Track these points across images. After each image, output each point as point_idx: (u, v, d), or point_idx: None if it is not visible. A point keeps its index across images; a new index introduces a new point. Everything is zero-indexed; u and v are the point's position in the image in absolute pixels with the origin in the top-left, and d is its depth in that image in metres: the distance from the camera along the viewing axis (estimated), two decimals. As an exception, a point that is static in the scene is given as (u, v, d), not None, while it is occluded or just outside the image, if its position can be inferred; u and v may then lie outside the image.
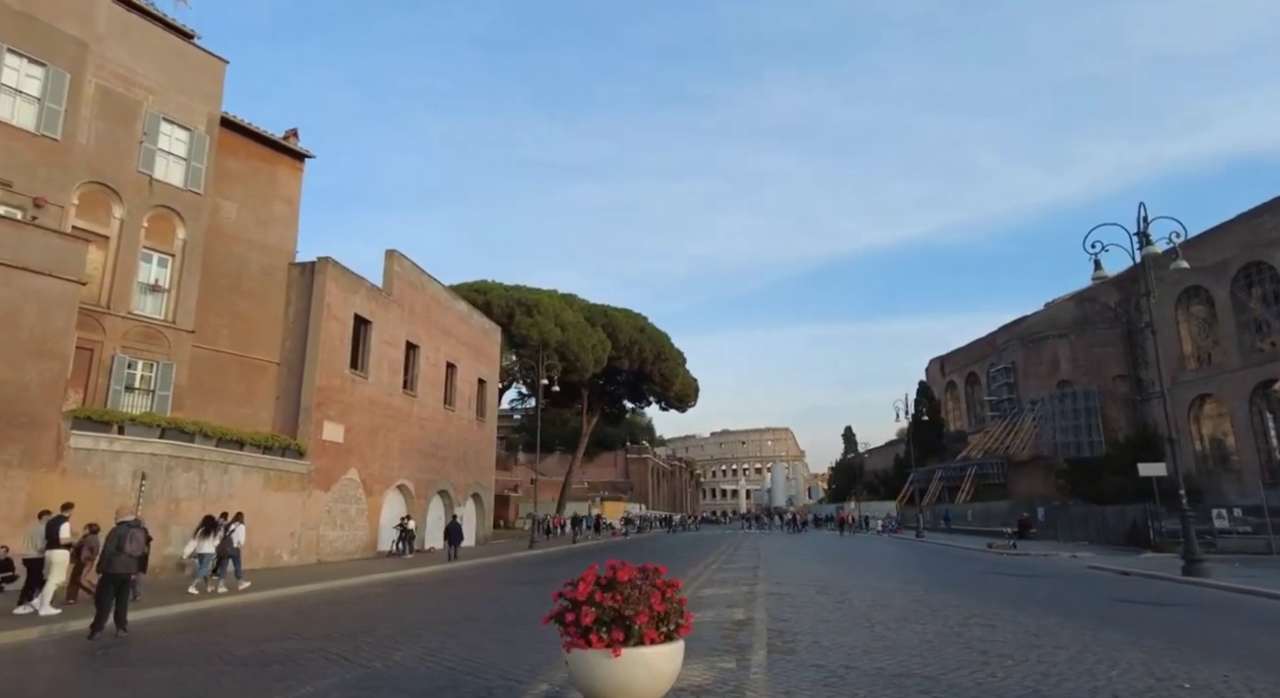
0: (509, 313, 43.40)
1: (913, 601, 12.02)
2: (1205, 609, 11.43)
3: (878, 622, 9.53)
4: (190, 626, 10.40)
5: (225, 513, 15.53)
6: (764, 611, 10.62)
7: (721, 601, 11.94)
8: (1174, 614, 10.77)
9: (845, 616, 10.20)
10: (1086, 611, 11.00)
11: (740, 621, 9.65)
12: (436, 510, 30.60)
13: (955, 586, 14.60)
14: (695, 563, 21.68)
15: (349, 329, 24.12)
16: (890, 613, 10.49)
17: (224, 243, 21.90)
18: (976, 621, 9.70)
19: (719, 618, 9.90)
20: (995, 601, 12.07)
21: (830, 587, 14.29)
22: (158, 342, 18.53)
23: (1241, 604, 11.96)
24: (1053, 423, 63.67)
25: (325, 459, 22.62)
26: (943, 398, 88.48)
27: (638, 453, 79.87)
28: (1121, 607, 11.47)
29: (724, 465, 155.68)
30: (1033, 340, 69.78)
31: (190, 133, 19.78)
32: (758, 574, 17.00)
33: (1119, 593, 13.43)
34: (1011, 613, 10.50)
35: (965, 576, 17.20)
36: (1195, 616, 10.79)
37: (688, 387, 54.71)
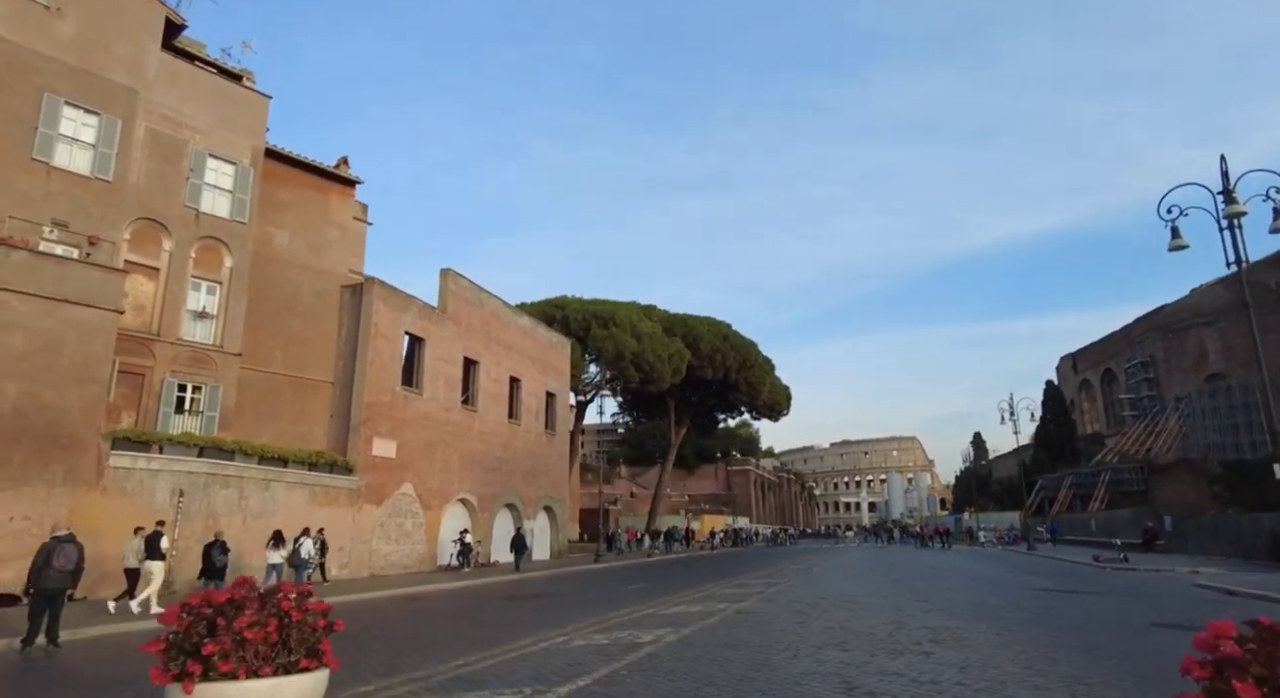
0: (585, 326, 43.50)
1: (887, 622, 10.56)
2: None
3: (803, 652, 8.23)
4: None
5: (309, 528, 18.24)
6: (690, 633, 9.60)
7: (665, 621, 10.86)
8: None
9: (777, 641, 8.94)
10: (1108, 635, 9.12)
11: (635, 645, 8.66)
12: (504, 524, 30.76)
13: (972, 607, 12.61)
14: (725, 578, 20.74)
15: (400, 347, 24.70)
16: (836, 637, 9.25)
17: (277, 269, 23.03)
18: (919, 647, 8.25)
19: (618, 641, 8.97)
20: (1000, 623, 10.29)
21: (823, 606, 12.94)
22: (205, 365, 19.60)
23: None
24: (1202, 422, 56.69)
25: (376, 475, 23.15)
26: (1076, 398, 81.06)
27: (739, 465, 78.01)
28: (1152, 634, 9.43)
29: (845, 477, 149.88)
30: (1174, 331, 62.64)
31: (235, 166, 20.95)
32: (767, 593, 15.73)
33: (1186, 616, 11.16)
34: (998, 636, 8.89)
35: (1008, 595, 14.94)
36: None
37: (777, 394, 52.75)
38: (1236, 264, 14.33)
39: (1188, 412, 57.77)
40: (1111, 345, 72.35)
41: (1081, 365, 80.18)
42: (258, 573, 17.90)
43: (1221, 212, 14.49)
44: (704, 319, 51.12)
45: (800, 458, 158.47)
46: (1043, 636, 9.10)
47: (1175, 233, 14.94)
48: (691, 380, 50.75)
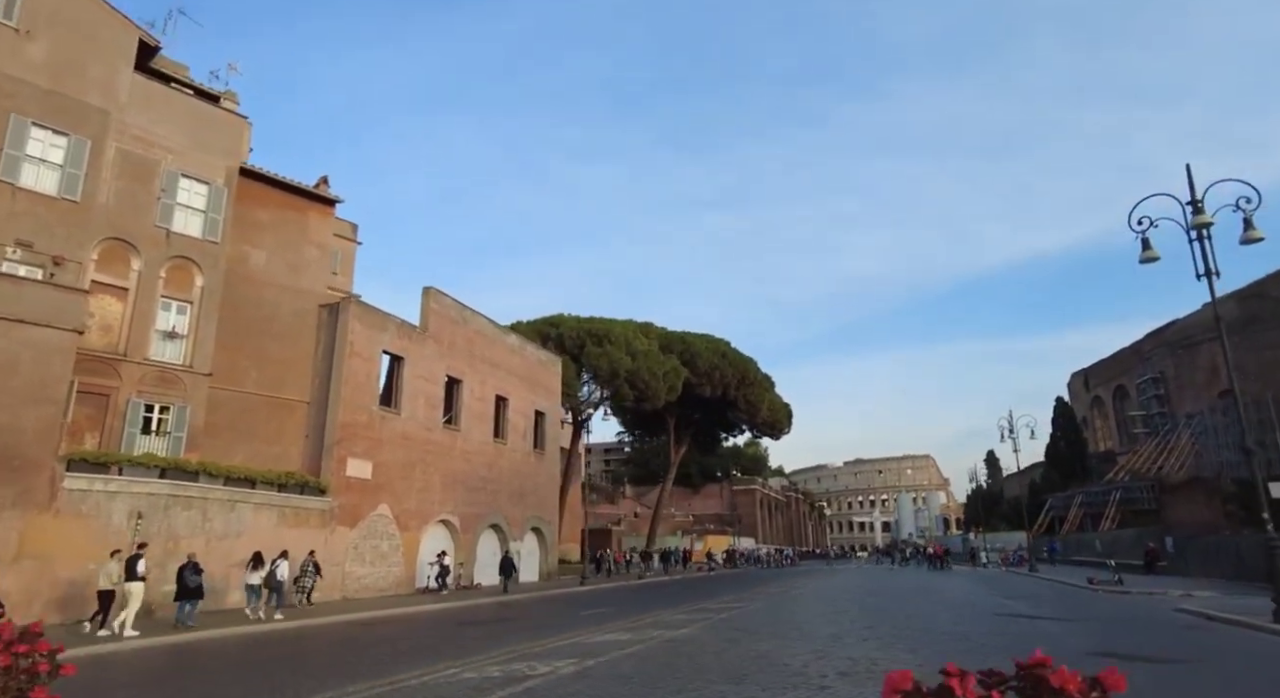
0: (580, 344, 43.26)
1: (811, 651, 10.10)
2: (1220, 666, 8.61)
3: (691, 687, 7.80)
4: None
5: (286, 551, 18.30)
6: (592, 665, 9.21)
7: (580, 651, 10.44)
8: (1159, 672, 8.14)
9: (674, 676, 8.49)
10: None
11: (520, 678, 8.27)
12: (489, 545, 30.35)
13: (915, 635, 12.00)
14: (693, 601, 20.36)
15: (377, 366, 24.53)
16: (743, 669, 8.82)
17: (254, 288, 22.98)
18: (823, 680, 7.90)
19: (509, 674, 8.58)
20: (932, 652, 9.78)
21: (760, 633, 12.47)
22: (174, 385, 19.47)
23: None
24: (1215, 439, 55.45)
25: (351, 496, 22.87)
26: (1089, 415, 79.74)
27: (744, 484, 77.11)
28: (1082, 663, 8.87)
29: (858, 497, 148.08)
30: (1184, 346, 61.52)
31: (209, 186, 20.97)
32: (718, 618, 15.22)
33: (1138, 644, 10.58)
34: (919, 669, 8.31)
35: (966, 621, 14.26)
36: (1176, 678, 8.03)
37: (777, 412, 52.14)
38: (1206, 276, 13.81)
39: (1200, 429, 56.51)
40: (1123, 362, 71.19)
41: (1093, 382, 78.95)
42: (236, 594, 17.75)
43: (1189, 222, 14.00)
44: (702, 336, 50.76)
45: (813, 477, 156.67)
46: (968, 666, 8.58)
47: (1146, 244, 14.49)
48: (690, 398, 50.28)
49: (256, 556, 17.26)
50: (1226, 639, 11.56)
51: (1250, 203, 13.37)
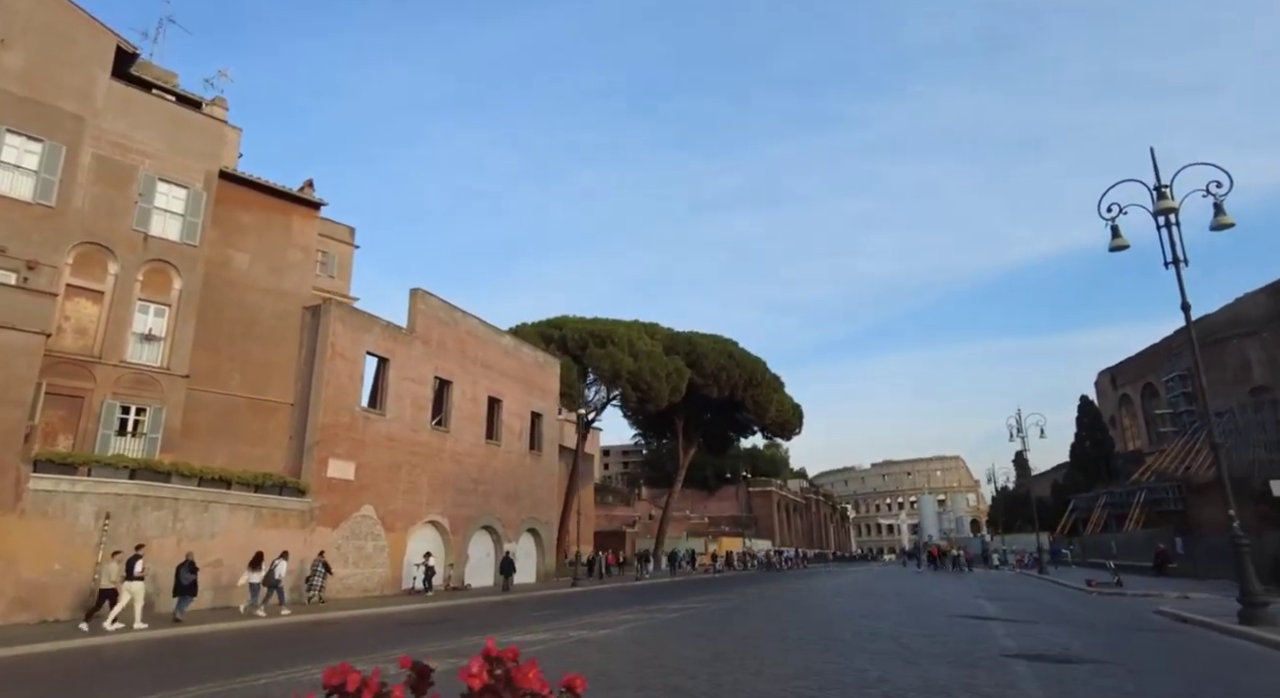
0: (582, 345, 43.10)
1: (700, 658, 9.67)
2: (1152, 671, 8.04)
3: None
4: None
5: (287, 552, 19.38)
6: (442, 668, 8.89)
7: (461, 653, 10.17)
8: (1070, 672, 7.63)
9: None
10: (923, 669, 8.20)
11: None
12: (483, 547, 30.28)
13: (838, 641, 11.45)
14: (658, 602, 20.19)
15: (360, 368, 24.57)
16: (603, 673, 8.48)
17: (236, 291, 23.17)
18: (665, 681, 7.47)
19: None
20: (833, 658, 9.33)
21: (681, 635, 12.13)
22: (150, 387, 19.66)
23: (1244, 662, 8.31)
24: (1246, 437, 53.63)
25: (333, 496, 22.91)
26: (1116, 414, 77.70)
27: (761, 485, 76.27)
28: (980, 667, 8.43)
29: (887, 499, 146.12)
30: (1213, 342, 59.56)
31: (188, 190, 21.18)
32: (659, 618, 14.93)
33: (1088, 647, 9.99)
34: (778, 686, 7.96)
35: (912, 624, 13.69)
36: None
37: (785, 412, 51.41)
38: (1174, 264, 13.12)
39: (1230, 427, 54.69)
40: (1151, 359, 69.19)
41: (1121, 380, 76.91)
42: (208, 593, 17.79)
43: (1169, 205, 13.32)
44: (709, 337, 50.28)
45: (841, 479, 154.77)
46: (847, 670, 8.27)
47: (1115, 232, 13.83)
48: (698, 399, 49.82)
49: (258, 556, 18.20)
50: (1182, 640, 11.05)
51: (1221, 188, 12.69)
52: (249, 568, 17.93)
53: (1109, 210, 13.86)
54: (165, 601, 16.75)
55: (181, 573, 16.03)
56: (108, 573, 15.03)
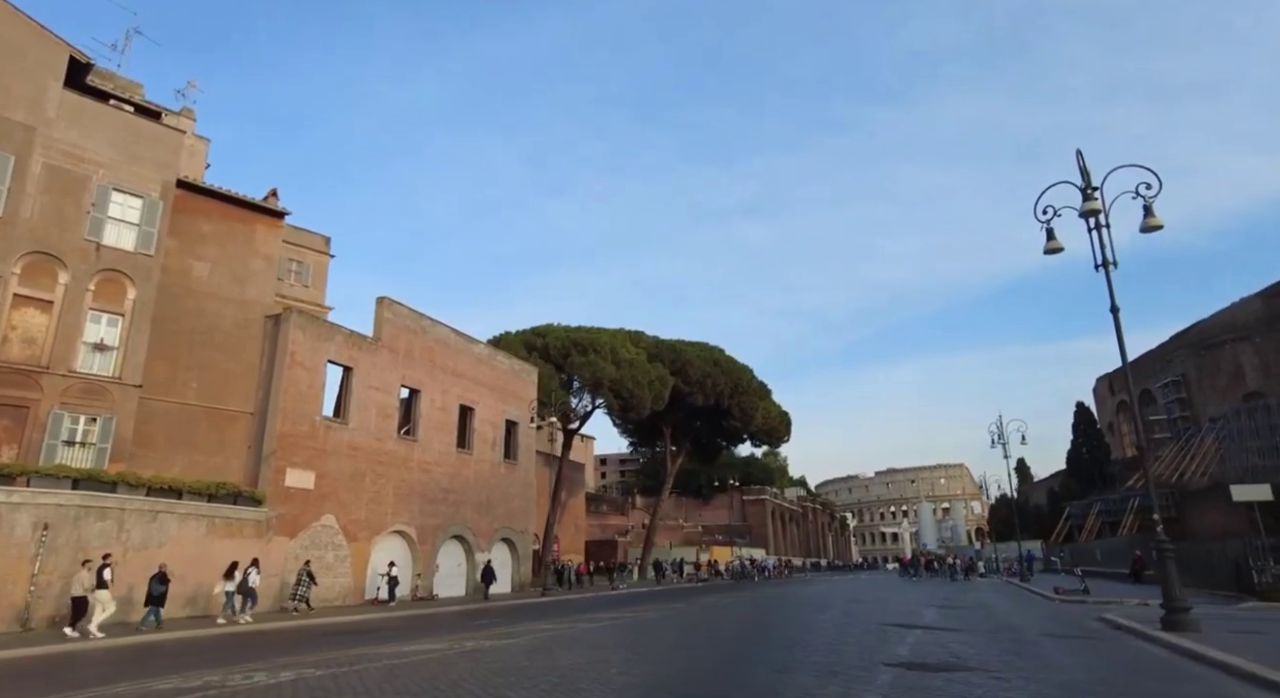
0: (565, 353, 42.95)
1: (572, 665, 9.52)
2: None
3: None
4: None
5: (258, 560, 19.96)
6: (291, 677, 8.87)
7: (342, 662, 10.08)
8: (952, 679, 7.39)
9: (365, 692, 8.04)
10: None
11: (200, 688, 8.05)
12: (454, 557, 30.08)
13: (721, 650, 11.32)
14: (602, 611, 20.10)
15: (321, 376, 24.48)
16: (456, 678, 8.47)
17: (196, 300, 23.15)
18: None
19: (206, 685, 8.23)
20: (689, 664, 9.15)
21: (572, 645, 11.98)
22: (101, 397, 19.59)
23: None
24: (1240, 443, 53.03)
25: (291, 506, 22.77)
26: (1114, 420, 77.10)
27: (755, 494, 75.82)
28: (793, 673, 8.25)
29: (890, 507, 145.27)
30: (1206, 347, 59.13)
31: (143, 200, 21.17)
32: (581, 628, 14.66)
33: (993, 655, 9.72)
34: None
35: (842, 630, 13.48)
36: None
37: (772, 419, 51.09)
38: (1103, 266, 12.87)
39: (1224, 433, 54.16)
40: (1148, 365, 68.71)
41: (1118, 386, 76.40)
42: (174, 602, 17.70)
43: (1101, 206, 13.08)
44: (695, 344, 50.09)
45: (844, 487, 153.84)
46: (700, 679, 8.14)
47: (1050, 235, 13.59)
48: (684, 407, 49.60)
49: (233, 565, 18.72)
50: (1095, 647, 11.00)
51: (1150, 189, 12.45)
52: (224, 577, 18.50)
53: (1044, 213, 13.62)
54: (125, 610, 16.81)
55: (153, 584, 16.55)
56: (79, 581, 15.48)
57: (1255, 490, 21.44)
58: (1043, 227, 13.55)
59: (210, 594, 19.97)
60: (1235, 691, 6.96)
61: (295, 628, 17.67)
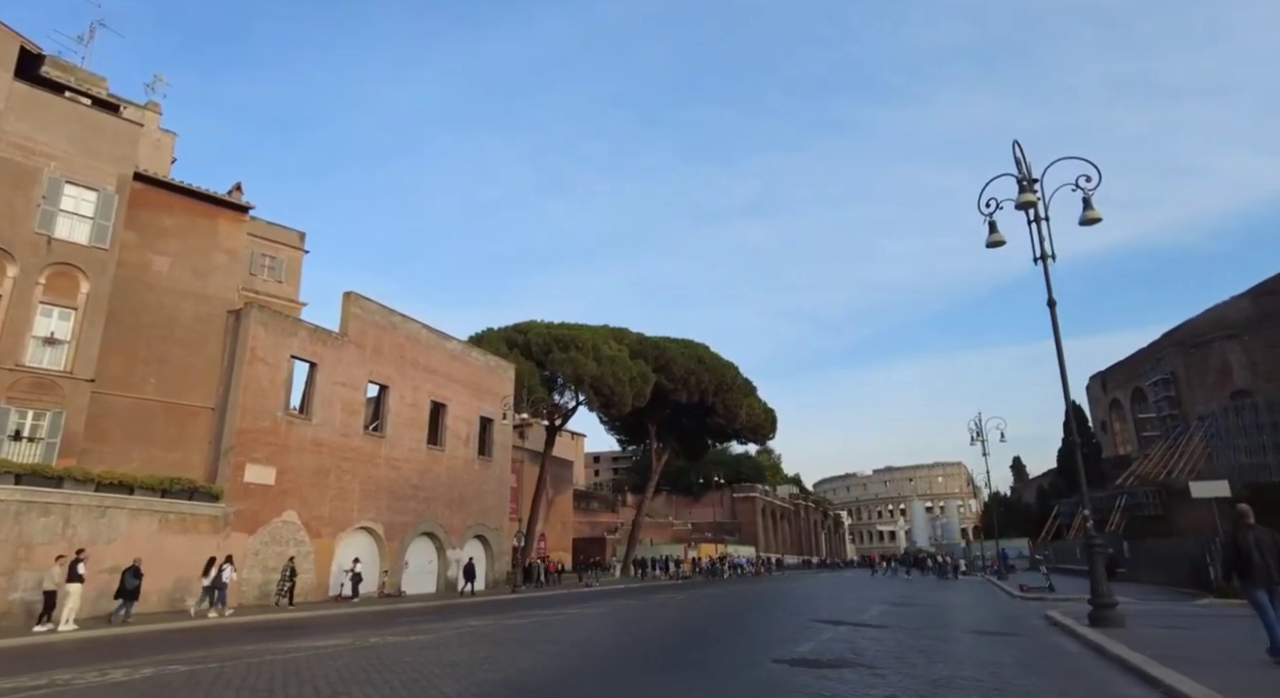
0: (546, 349, 42.77)
1: (464, 660, 9.32)
2: None
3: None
4: None
5: (231, 557, 20.36)
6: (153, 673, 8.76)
7: (236, 655, 9.94)
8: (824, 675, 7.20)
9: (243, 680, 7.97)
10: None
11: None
12: (424, 554, 29.93)
13: (609, 640, 11.17)
14: (526, 610, 19.84)
15: (283, 372, 24.31)
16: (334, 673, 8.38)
17: (155, 295, 22.98)
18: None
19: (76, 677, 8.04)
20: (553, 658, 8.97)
21: (494, 640, 11.77)
22: (50, 391, 19.43)
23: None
24: (1228, 441, 52.82)
25: (250, 502, 22.62)
26: (1108, 419, 76.87)
27: (745, 491, 75.61)
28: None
29: (888, 505, 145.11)
30: (1194, 345, 58.83)
31: (98, 193, 21.00)
32: (507, 624, 14.52)
33: (906, 650, 9.54)
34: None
35: (765, 625, 13.32)
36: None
37: (756, 417, 50.83)
38: (1041, 260, 12.65)
39: (1212, 431, 53.92)
40: (1139, 363, 68.47)
41: (1111, 385, 76.18)
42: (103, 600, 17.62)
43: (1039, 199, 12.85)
44: (679, 341, 49.85)
45: (842, 485, 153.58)
46: (569, 674, 8.10)
47: (993, 228, 13.37)
48: (669, 404, 49.38)
49: (211, 560, 19.59)
50: (1012, 642, 10.84)
51: (1090, 182, 12.22)
52: (203, 573, 19.37)
53: (987, 206, 13.40)
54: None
55: (126, 578, 17.11)
56: (50, 576, 15.96)
57: (1214, 487, 21.22)
58: (985, 220, 13.31)
59: (164, 590, 19.94)
60: (1117, 688, 6.76)
61: (232, 625, 17.44)
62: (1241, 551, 8.39)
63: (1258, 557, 8.19)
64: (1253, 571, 8.18)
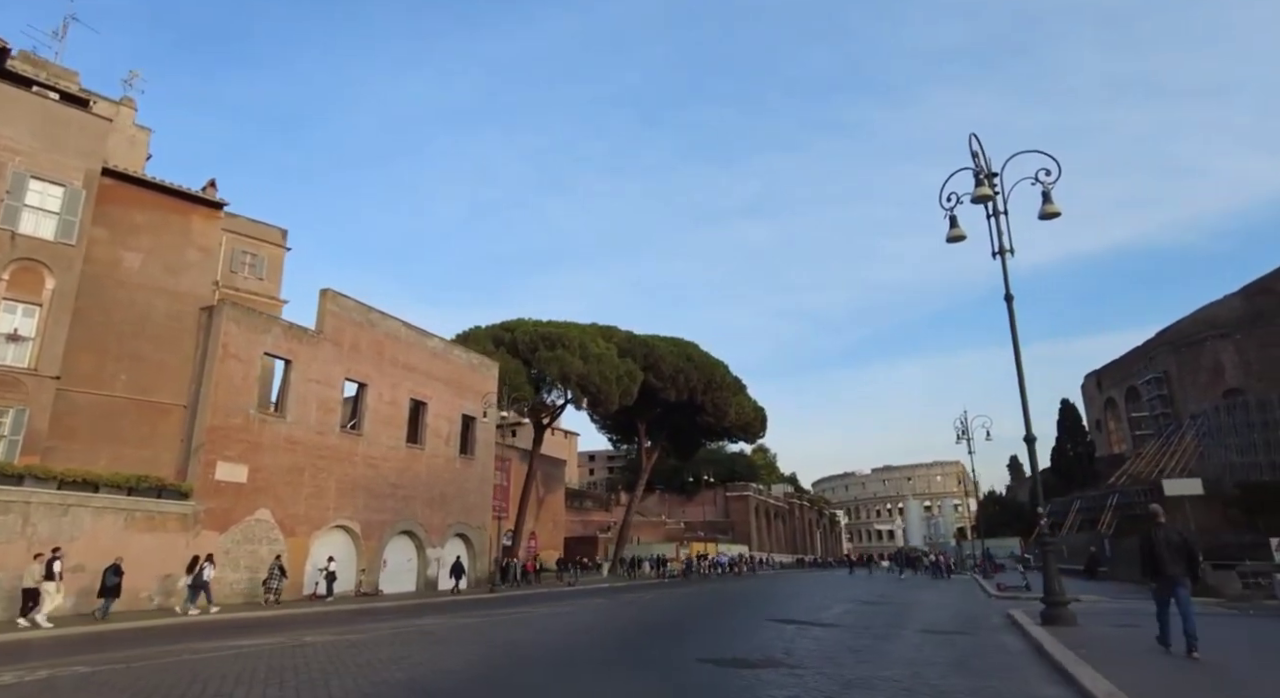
0: (533, 348, 42.59)
1: (376, 661, 9.12)
2: None
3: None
4: None
5: (213, 555, 20.64)
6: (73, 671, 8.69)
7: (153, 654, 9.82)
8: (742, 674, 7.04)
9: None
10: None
11: None
12: (403, 552, 29.76)
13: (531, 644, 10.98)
14: (488, 610, 19.65)
15: (255, 369, 24.12)
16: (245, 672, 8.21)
17: (126, 291, 22.80)
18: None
19: None
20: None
21: (432, 639, 11.53)
22: (13, 388, 19.26)
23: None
24: (1220, 440, 52.68)
25: (222, 500, 22.45)
26: (1102, 418, 76.68)
27: (738, 490, 75.43)
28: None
29: (886, 504, 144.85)
30: (1186, 344, 58.63)
31: (65, 188, 20.83)
32: (459, 623, 14.40)
33: (844, 650, 9.36)
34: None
35: (731, 629, 13.15)
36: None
37: (746, 415, 50.68)
38: (1000, 254, 12.44)
39: (1204, 430, 53.73)
40: (1133, 362, 68.28)
41: (1106, 384, 75.99)
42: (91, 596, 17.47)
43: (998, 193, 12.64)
44: (668, 339, 49.69)
45: (841, 484, 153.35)
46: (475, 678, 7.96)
47: (953, 222, 13.16)
48: (658, 403, 49.22)
49: (194, 559, 19.82)
50: (962, 641, 10.82)
51: (1050, 175, 12.01)
52: (186, 571, 19.66)
53: (948, 200, 13.20)
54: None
55: (107, 575, 17.58)
56: (31, 574, 16.31)
57: (1187, 485, 21.06)
58: (945, 215, 13.11)
59: (130, 588, 19.75)
60: (1037, 687, 6.59)
61: (195, 623, 17.29)
62: (1154, 550, 8.88)
63: (1166, 555, 8.71)
64: (1160, 567, 8.72)
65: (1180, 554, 8.61)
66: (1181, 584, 8.44)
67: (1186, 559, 8.63)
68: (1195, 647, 7.96)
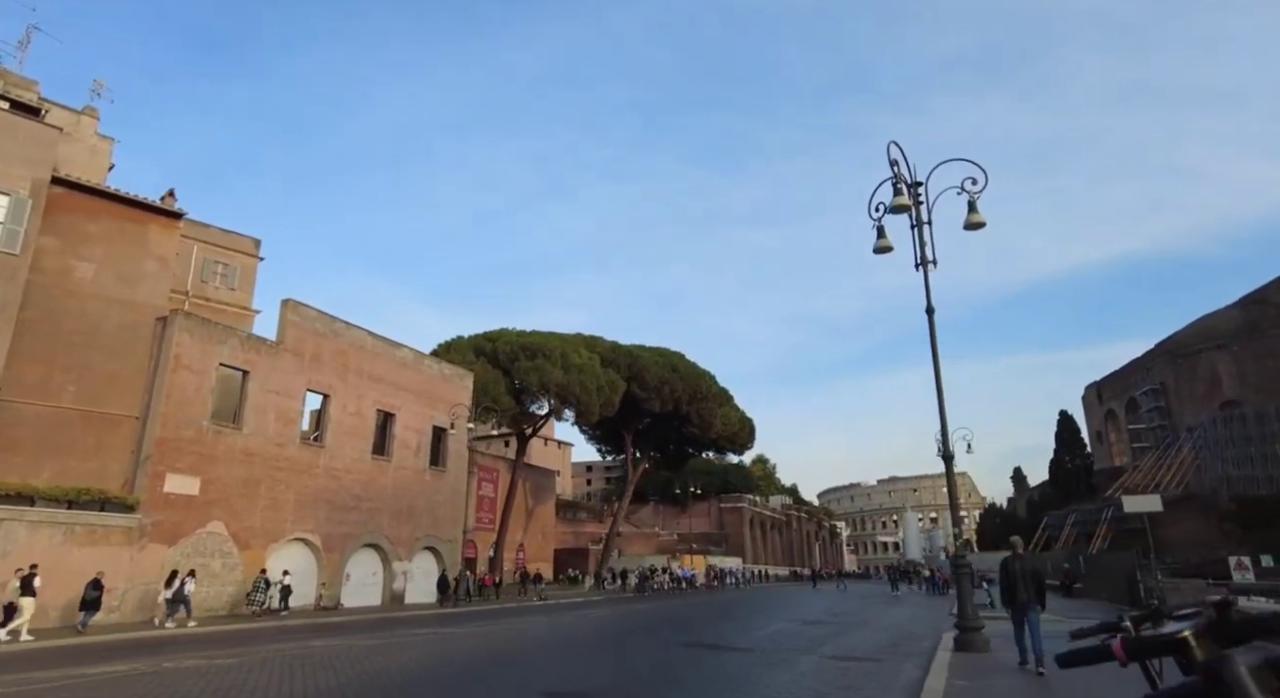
0: (513, 357, 42.22)
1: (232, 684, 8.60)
2: None
3: None
4: None
5: (194, 571, 21.13)
6: None
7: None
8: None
9: None
10: None
11: None
12: (368, 566, 29.30)
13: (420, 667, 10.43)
14: (461, 623, 18.90)
15: (209, 380, 23.81)
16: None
17: (77, 301, 22.57)
18: None
19: None
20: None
21: (353, 656, 10.95)
22: (-49, 399, 19.01)
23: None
24: (1216, 453, 51.79)
25: (171, 512, 22.09)
26: (1103, 429, 75.54)
27: (732, 501, 74.64)
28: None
29: (891, 515, 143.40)
30: (1183, 356, 57.71)
31: (9, 198, 20.64)
32: (406, 640, 13.84)
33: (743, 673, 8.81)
34: None
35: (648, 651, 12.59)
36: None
37: (731, 427, 50.08)
38: (921, 266, 11.95)
39: (1201, 443, 52.80)
40: (1132, 373, 67.26)
41: (1106, 395, 74.87)
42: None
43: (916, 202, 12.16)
44: (653, 350, 49.25)
45: (846, 495, 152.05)
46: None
47: (880, 233, 12.67)
48: (643, 413, 48.77)
49: (173, 573, 20.23)
50: (856, 669, 10.15)
51: (976, 184, 11.54)
52: (164, 586, 20.01)
53: (876, 210, 12.72)
54: None
55: (87, 590, 18.14)
56: (12, 589, 16.72)
57: (1145, 502, 20.39)
58: (874, 224, 12.62)
59: (70, 603, 19.37)
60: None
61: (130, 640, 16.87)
62: (1009, 579, 9.79)
63: (1020, 583, 9.62)
64: (1014, 594, 9.65)
65: (1031, 582, 9.52)
66: (1032, 608, 9.44)
67: (1036, 587, 9.54)
68: (1042, 662, 9.09)
